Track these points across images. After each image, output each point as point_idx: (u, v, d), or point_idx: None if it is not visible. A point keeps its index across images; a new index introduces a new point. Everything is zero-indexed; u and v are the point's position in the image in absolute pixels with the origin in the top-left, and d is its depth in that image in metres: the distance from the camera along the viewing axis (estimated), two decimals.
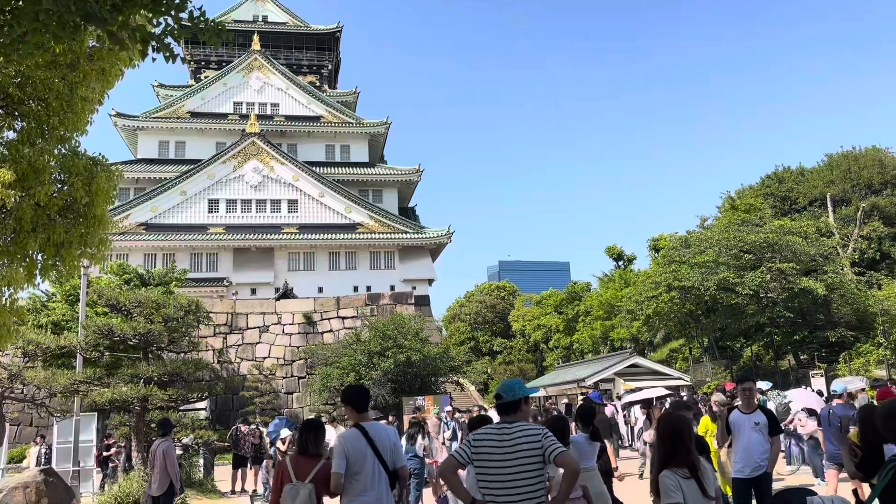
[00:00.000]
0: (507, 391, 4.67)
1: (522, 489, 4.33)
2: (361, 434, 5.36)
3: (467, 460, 4.50)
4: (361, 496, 5.23)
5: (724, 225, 38.91)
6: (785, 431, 15.40)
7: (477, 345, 61.12)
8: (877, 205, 42.30)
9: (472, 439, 4.53)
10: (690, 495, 4.18)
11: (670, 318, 37.61)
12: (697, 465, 4.28)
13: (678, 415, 5.18)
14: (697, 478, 4.23)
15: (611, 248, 56.23)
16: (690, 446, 4.31)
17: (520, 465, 4.35)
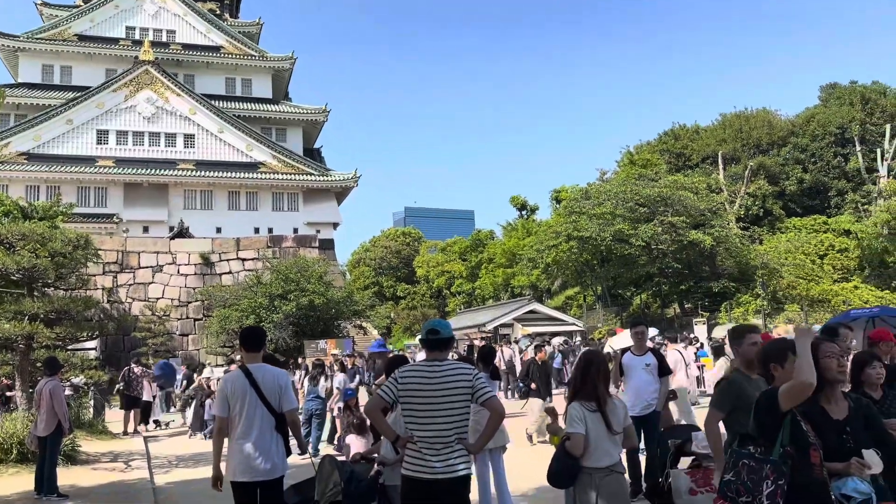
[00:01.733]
0: (444, 327, 4.56)
1: (450, 425, 4.31)
2: (244, 375, 5.23)
3: (394, 398, 4.40)
4: (241, 439, 5.15)
5: (623, 179, 40.33)
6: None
7: (381, 290, 61.27)
8: (763, 164, 44.90)
9: (399, 377, 4.43)
10: (594, 428, 4.32)
11: (568, 266, 38.92)
12: (604, 399, 4.42)
13: (593, 350, 5.37)
14: (604, 411, 4.37)
15: (515, 199, 57.20)
16: (598, 381, 4.45)
17: (449, 401, 4.32)
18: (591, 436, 4.32)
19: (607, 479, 4.32)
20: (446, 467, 4.22)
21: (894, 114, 45.29)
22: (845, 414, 3.70)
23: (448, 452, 4.25)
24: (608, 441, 4.37)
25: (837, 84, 51.36)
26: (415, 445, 4.30)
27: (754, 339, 4.99)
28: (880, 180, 41.59)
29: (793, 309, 33.20)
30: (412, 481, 4.26)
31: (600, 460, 4.34)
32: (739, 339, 5.01)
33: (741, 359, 4.93)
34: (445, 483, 4.21)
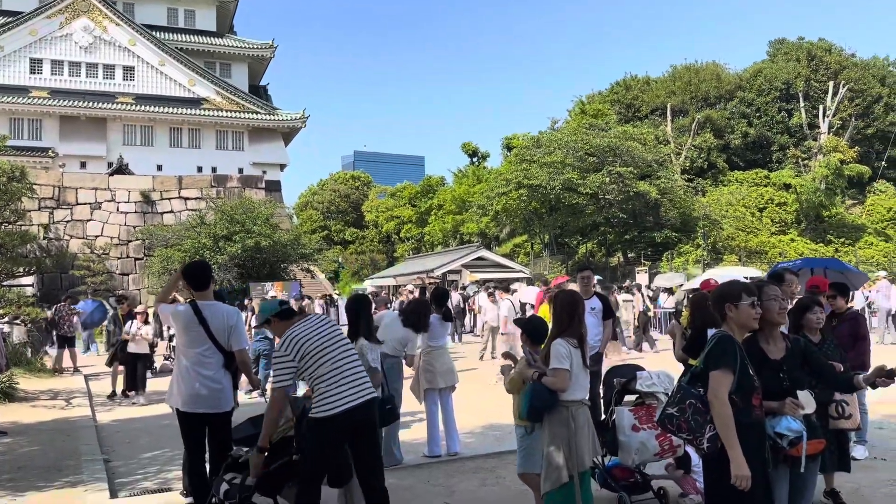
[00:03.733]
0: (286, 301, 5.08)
1: (353, 357, 4.62)
2: (193, 312, 5.15)
3: (295, 368, 4.51)
4: (189, 371, 5.14)
5: (574, 128, 40.44)
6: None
7: (329, 234, 60.74)
8: (710, 117, 45.62)
9: (291, 344, 4.51)
10: (576, 364, 4.53)
11: (517, 214, 39.20)
12: (585, 336, 4.67)
13: (573, 291, 5.50)
14: (582, 348, 4.60)
15: (466, 145, 56.91)
16: (583, 319, 4.71)
17: (339, 338, 4.62)
18: (574, 371, 4.52)
19: (580, 411, 4.55)
20: (362, 391, 4.48)
21: (838, 71, 46.38)
22: (782, 354, 3.86)
23: (361, 379, 4.53)
24: (584, 375, 4.62)
25: (786, 40, 52.15)
26: (329, 383, 4.44)
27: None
28: (821, 136, 42.86)
29: (731, 260, 34.34)
30: (340, 416, 4.37)
31: (576, 393, 4.56)
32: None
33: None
34: (365, 404, 4.44)
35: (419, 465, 7.20)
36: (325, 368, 4.45)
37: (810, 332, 5.18)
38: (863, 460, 6.74)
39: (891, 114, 45.64)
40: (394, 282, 37.25)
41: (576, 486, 4.43)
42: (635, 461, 5.51)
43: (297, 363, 4.45)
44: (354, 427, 4.44)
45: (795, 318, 5.18)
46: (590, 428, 4.62)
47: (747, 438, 3.40)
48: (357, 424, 4.44)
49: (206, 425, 5.17)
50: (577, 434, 4.46)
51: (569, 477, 4.41)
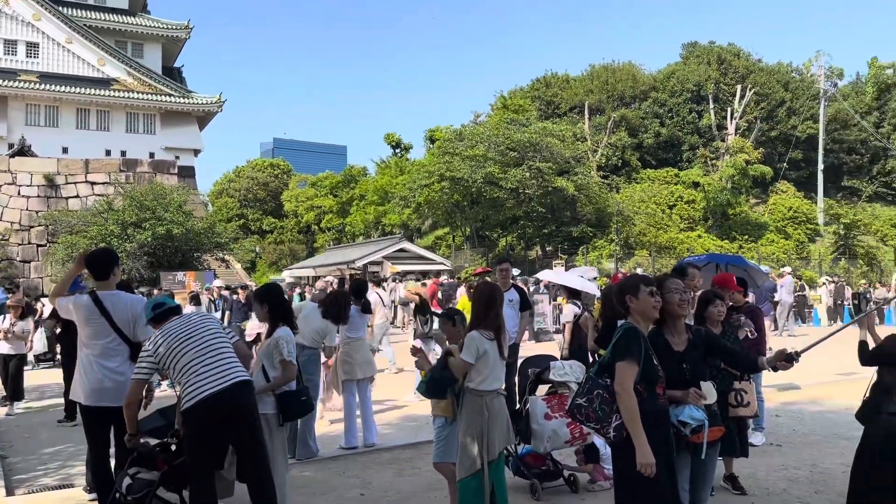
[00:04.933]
0: (170, 300, 4.96)
1: (225, 345, 4.58)
2: (94, 303, 4.95)
3: (155, 364, 4.51)
4: (92, 364, 4.99)
5: (496, 122, 40.86)
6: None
7: (246, 222, 59.25)
8: (625, 116, 47.02)
9: (160, 340, 4.51)
10: (492, 355, 4.61)
11: (439, 206, 39.33)
12: (502, 328, 4.74)
13: (492, 283, 5.58)
14: (499, 339, 4.68)
15: (389, 136, 56.60)
16: (500, 311, 4.76)
17: (211, 328, 4.61)
18: (490, 362, 4.59)
19: (495, 401, 4.64)
20: (229, 375, 4.39)
21: (745, 75, 48.67)
22: (685, 346, 4.04)
23: (227, 364, 4.45)
24: (500, 366, 4.70)
25: (698, 43, 54.26)
26: (191, 372, 4.38)
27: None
28: (728, 137, 44.89)
29: (642, 255, 35.59)
30: (205, 401, 4.27)
31: (493, 384, 4.64)
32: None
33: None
34: (234, 388, 4.34)
35: (335, 458, 7.16)
36: (188, 358, 4.37)
37: (712, 325, 5.44)
38: (760, 446, 7.14)
39: (793, 118, 48.31)
40: (313, 272, 36.77)
41: (485, 474, 4.51)
42: (547, 449, 5.66)
43: (157, 361, 4.44)
44: (227, 413, 4.31)
45: (698, 311, 5.43)
46: (504, 417, 4.70)
47: (652, 427, 3.54)
48: (229, 410, 4.31)
49: (111, 419, 4.96)
50: (490, 423, 4.54)
51: (480, 464, 4.50)
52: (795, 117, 48.27)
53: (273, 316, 5.20)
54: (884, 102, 49.89)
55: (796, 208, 43.12)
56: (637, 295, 3.76)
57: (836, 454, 6.77)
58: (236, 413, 4.35)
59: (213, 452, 4.38)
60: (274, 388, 4.94)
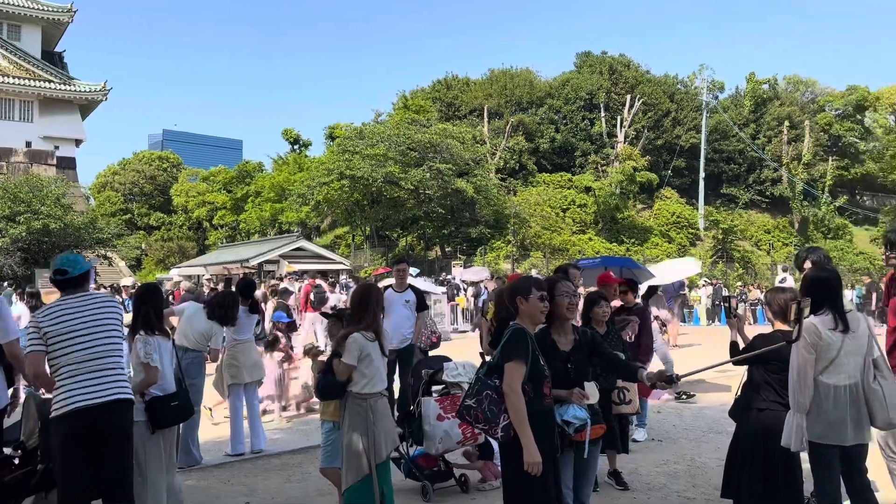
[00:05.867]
0: (73, 265, 4.24)
1: (110, 351, 4.13)
2: None
3: (43, 344, 4.01)
4: None
5: (397, 122, 40.79)
6: None
7: (132, 218, 56.33)
8: (522, 121, 48.12)
9: (40, 319, 4.04)
10: (375, 357, 4.57)
11: (339, 205, 38.83)
12: (381, 329, 4.68)
13: (370, 283, 5.47)
14: (380, 340, 4.64)
15: (288, 132, 55.37)
16: (378, 311, 4.68)
17: (104, 327, 4.13)
18: (374, 364, 4.55)
19: (379, 403, 4.60)
20: (108, 390, 4.01)
21: (634, 86, 50.89)
22: (571, 346, 4.13)
23: (110, 376, 4.06)
24: (384, 368, 4.67)
25: (591, 53, 56.25)
26: (69, 375, 3.99)
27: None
28: (618, 145, 46.81)
29: (537, 256, 36.54)
30: (76, 413, 3.92)
31: (377, 386, 4.59)
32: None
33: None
34: (109, 405, 3.98)
35: (220, 465, 6.88)
36: (69, 359, 3.98)
37: (597, 325, 5.61)
38: (642, 442, 7.44)
39: (677, 127, 50.96)
40: (204, 271, 35.39)
41: (373, 478, 4.44)
42: (439, 450, 5.65)
43: (41, 338, 3.99)
44: (95, 431, 3.93)
45: (584, 312, 5.58)
46: (389, 419, 4.66)
47: (539, 426, 3.59)
48: (99, 428, 3.94)
49: None
50: (375, 426, 4.49)
51: (368, 469, 4.42)
52: (680, 127, 50.94)
53: (134, 319, 4.88)
54: (760, 115, 53.53)
55: (679, 214, 45.56)
56: (527, 297, 3.80)
57: (712, 449, 7.14)
58: (107, 435, 3.99)
59: (77, 470, 3.94)
60: (135, 393, 4.63)
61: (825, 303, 4.20)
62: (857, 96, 54.93)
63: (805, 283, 4.44)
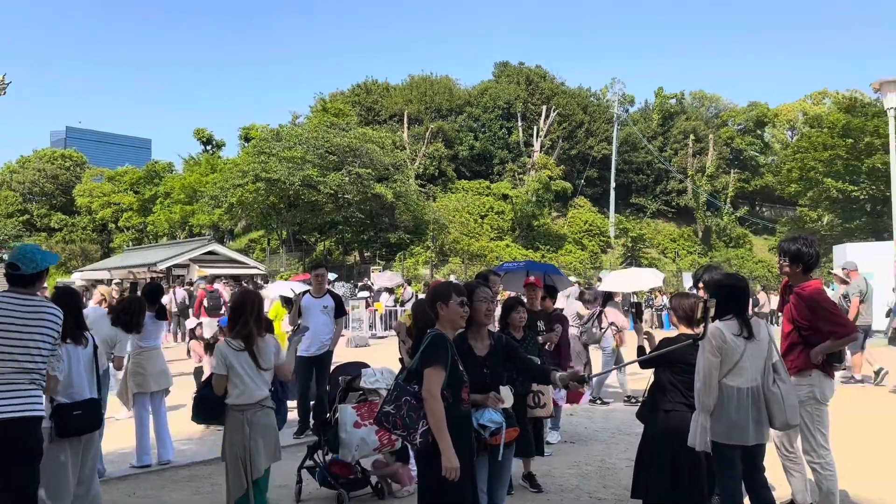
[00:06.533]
0: (26, 262, 4.04)
1: (31, 362, 3.95)
2: None
3: None
4: None
5: (315, 125, 40.29)
6: None
7: (31, 219, 53.24)
8: (442, 128, 48.47)
9: None
10: (241, 366, 4.49)
11: (254, 208, 37.97)
12: (252, 338, 4.55)
13: (247, 289, 5.35)
14: (251, 350, 4.53)
15: (200, 131, 53.72)
16: (249, 320, 4.55)
17: (41, 335, 3.97)
18: (240, 374, 4.47)
19: (258, 414, 4.51)
20: (17, 407, 3.85)
21: (550, 97, 52.17)
22: (487, 351, 4.19)
23: (18, 390, 3.88)
24: (258, 378, 4.53)
25: (509, 63, 57.29)
26: None
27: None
28: (534, 154, 47.84)
29: (455, 262, 36.83)
30: None
31: (252, 397, 4.49)
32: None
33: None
34: (14, 422, 3.83)
35: (125, 477, 6.58)
36: None
37: (514, 330, 5.71)
38: (556, 444, 7.61)
39: (590, 138, 52.55)
40: (108, 275, 33.80)
41: (250, 495, 4.43)
42: (356, 457, 5.60)
43: None
44: (1, 446, 3.79)
45: (502, 317, 5.67)
46: (271, 432, 4.59)
47: (457, 431, 3.61)
48: (4, 444, 3.79)
49: None
50: (253, 439, 4.45)
51: (247, 484, 4.38)
52: (592, 138, 52.56)
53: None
54: (667, 129, 55.91)
55: (591, 222, 46.97)
56: (447, 303, 3.83)
57: (622, 450, 7.38)
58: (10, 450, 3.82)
59: None
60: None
61: (732, 309, 4.43)
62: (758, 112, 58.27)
63: (715, 287, 4.66)
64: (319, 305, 8.26)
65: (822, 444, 4.89)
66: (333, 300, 8.44)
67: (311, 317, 8.14)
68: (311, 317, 8.15)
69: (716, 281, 4.73)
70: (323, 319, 8.22)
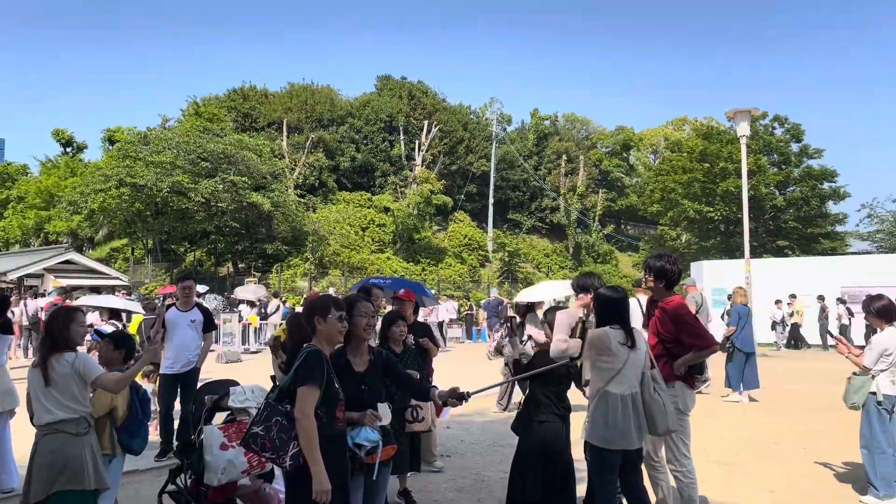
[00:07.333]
0: None
1: None
2: None
3: None
4: None
5: (187, 129, 38.51)
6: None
7: None
8: (323, 138, 47.81)
9: None
10: (34, 385, 4.33)
11: (117, 215, 35.70)
12: (45, 355, 4.34)
13: (61, 307, 5.03)
14: (43, 368, 4.32)
15: (59, 132, 50.08)
16: (47, 336, 4.41)
17: None
18: (32, 395, 4.30)
19: (46, 438, 4.27)
20: None
21: (432, 112, 52.83)
22: (366, 367, 4.08)
23: None
24: (48, 399, 4.27)
25: (391, 77, 57.54)
26: None
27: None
28: (416, 168, 48.20)
29: (335, 274, 36.29)
30: None
31: (39, 419, 4.29)
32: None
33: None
34: None
35: None
36: None
37: (394, 344, 5.63)
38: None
39: (470, 155, 53.64)
40: None
41: None
42: (222, 481, 5.28)
43: None
44: None
45: (382, 331, 5.57)
46: (53, 458, 4.28)
47: (330, 451, 3.47)
48: None
49: None
50: (33, 461, 4.29)
51: None
52: (472, 155, 53.68)
53: None
54: (542, 148, 58.09)
55: (471, 236, 47.85)
56: (326, 317, 3.68)
57: (496, 462, 7.45)
58: None
59: None
60: None
61: (617, 319, 4.59)
62: (624, 136, 61.79)
63: (598, 300, 4.81)
64: (187, 319, 7.83)
65: (684, 453, 5.14)
66: (202, 314, 8.02)
67: (178, 331, 7.71)
68: (177, 331, 7.71)
69: (600, 293, 4.88)
70: (190, 334, 7.80)
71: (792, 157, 39.68)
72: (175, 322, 7.76)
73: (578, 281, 6.04)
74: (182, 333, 7.72)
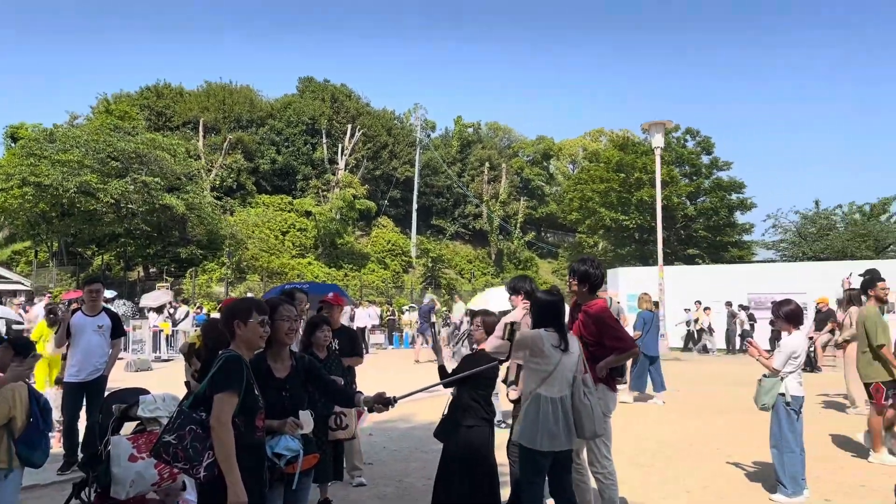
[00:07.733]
0: None
1: None
2: None
3: None
4: None
5: (96, 127, 36.77)
6: None
7: None
8: (242, 139, 46.67)
9: None
10: None
11: (19, 216, 33.68)
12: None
13: None
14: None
15: None
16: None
17: None
18: None
19: None
20: None
21: (355, 116, 52.44)
22: (287, 372, 3.92)
23: None
24: None
25: (313, 79, 56.75)
26: None
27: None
28: (339, 172, 47.67)
29: (254, 279, 35.39)
30: None
31: None
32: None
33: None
34: None
35: None
36: None
37: (318, 349, 5.47)
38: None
39: (394, 160, 53.51)
40: None
41: None
42: (130, 494, 4.99)
43: None
44: None
45: (306, 336, 5.41)
46: None
47: (248, 461, 3.31)
48: None
49: None
50: None
51: None
52: (396, 160, 53.59)
53: None
54: (465, 155, 58.61)
55: (394, 242, 47.70)
56: (246, 322, 3.50)
57: (419, 468, 7.37)
58: None
59: None
60: None
61: (552, 322, 4.60)
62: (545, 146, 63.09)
63: (535, 303, 4.81)
64: (93, 325, 7.41)
65: (605, 455, 5.21)
66: (110, 318, 7.61)
67: (83, 337, 7.28)
68: (82, 337, 7.28)
69: (537, 297, 4.90)
70: (97, 340, 7.38)
71: (703, 168, 41.47)
72: (81, 327, 7.34)
73: (513, 283, 6.09)
74: (88, 339, 7.31)
